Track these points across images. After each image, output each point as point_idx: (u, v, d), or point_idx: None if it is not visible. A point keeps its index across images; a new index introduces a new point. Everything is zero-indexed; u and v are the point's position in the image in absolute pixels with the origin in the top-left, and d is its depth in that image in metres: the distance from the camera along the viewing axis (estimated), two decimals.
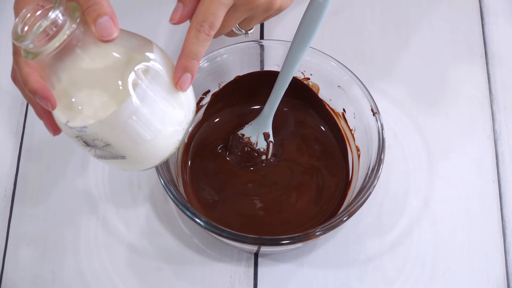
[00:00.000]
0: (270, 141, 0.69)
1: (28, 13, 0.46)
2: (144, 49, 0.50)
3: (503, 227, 0.69)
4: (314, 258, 0.67)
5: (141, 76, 0.48)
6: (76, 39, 0.46)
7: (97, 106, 0.47)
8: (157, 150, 0.52)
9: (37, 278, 0.67)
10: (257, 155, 0.69)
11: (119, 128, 0.48)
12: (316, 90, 0.71)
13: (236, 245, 0.63)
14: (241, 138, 0.69)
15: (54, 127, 0.52)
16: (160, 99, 0.50)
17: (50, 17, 0.45)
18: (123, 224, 0.69)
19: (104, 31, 0.46)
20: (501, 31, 0.79)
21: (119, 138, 0.49)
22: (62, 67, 0.47)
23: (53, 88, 0.48)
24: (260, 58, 0.70)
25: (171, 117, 0.51)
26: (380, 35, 0.79)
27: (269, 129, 0.68)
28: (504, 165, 0.72)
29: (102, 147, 0.50)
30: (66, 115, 0.49)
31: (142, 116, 0.49)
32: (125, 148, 0.50)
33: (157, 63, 0.49)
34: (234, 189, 0.68)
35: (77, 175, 0.71)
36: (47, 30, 0.45)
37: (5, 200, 0.70)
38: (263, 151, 0.69)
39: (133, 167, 0.54)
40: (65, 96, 0.48)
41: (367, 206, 0.63)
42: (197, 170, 0.69)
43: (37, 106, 0.52)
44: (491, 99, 0.76)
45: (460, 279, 0.67)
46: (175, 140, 0.52)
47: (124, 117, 0.48)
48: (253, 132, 0.68)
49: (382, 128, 0.63)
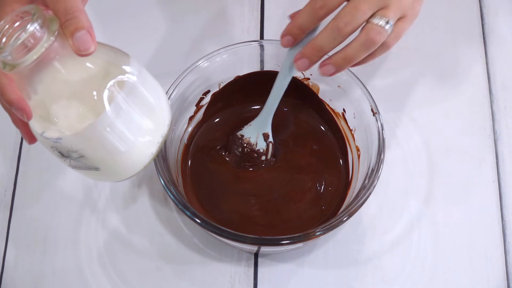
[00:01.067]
0: (269, 142, 0.68)
1: (6, 25, 0.46)
2: (121, 62, 0.50)
3: (503, 227, 0.69)
4: (314, 258, 0.67)
5: (117, 89, 0.48)
6: (53, 52, 0.47)
7: (72, 118, 0.48)
8: (131, 162, 0.52)
9: (37, 278, 0.67)
10: (257, 156, 0.69)
11: (94, 140, 0.49)
12: (316, 90, 0.71)
13: (236, 245, 0.63)
14: (241, 139, 0.69)
15: (30, 136, 0.52)
16: (135, 113, 0.50)
17: (29, 30, 0.45)
18: (123, 224, 0.69)
19: (81, 45, 0.46)
20: (501, 31, 0.79)
21: (94, 150, 0.50)
22: (39, 78, 0.47)
23: (30, 99, 0.48)
24: (260, 58, 0.70)
25: (145, 130, 0.51)
26: None
27: (269, 130, 0.68)
28: (504, 165, 0.72)
29: (77, 158, 0.51)
30: (41, 126, 0.49)
31: (117, 129, 0.49)
32: (100, 160, 0.51)
33: (133, 77, 0.50)
34: (234, 189, 0.68)
35: (77, 175, 0.71)
36: (25, 42, 0.45)
37: (5, 201, 0.70)
38: (262, 152, 0.69)
39: (107, 179, 0.55)
40: (41, 107, 0.48)
41: (367, 206, 0.63)
42: (197, 170, 0.69)
43: (13, 115, 0.52)
44: (491, 99, 0.76)
45: (460, 279, 0.67)
46: (149, 152, 0.53)
47: (99, 130, 0.48)
48: (253, 132, 0.68)
49: (382, 128, 0.63)
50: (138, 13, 0.80)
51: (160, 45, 0.78)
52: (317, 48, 0.56)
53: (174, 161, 0.66)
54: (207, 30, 0.79)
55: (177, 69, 0.66)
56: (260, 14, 0.80)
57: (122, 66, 0.50)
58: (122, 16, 0.80)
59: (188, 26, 0.79)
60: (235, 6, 0.80)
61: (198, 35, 0.79)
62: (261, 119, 0.68)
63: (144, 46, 0.77)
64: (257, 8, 0.80)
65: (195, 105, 0.70)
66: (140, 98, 0.50)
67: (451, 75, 0.77)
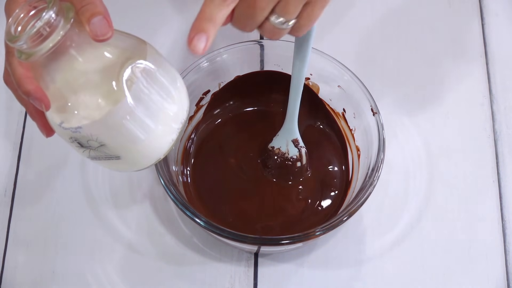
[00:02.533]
0: (300, 147, 0.68)
1: (21, 13, 0.46)
2: (138, 48, 0.50)
3: (503, 227, 0.69)
4: (314, 258, 0.67)
5: (135, 76, 0.48)
6: (70, 40, 0.46)
7: (91, 106, 0.47)
8: (151, 150, 0.52)
9: (37, 278, 0.67)
10: (292, 163, 0.68)
11: (114, 128, 0.48)
12: (316, 90, 0.71)
13: (236, 245, 0.63)
14: (272, 151, 0.68)
15: (47, 128, 0.52)
16: (155, 99, 0.50)
17: (44, 18, 0.44)
18: (123, 224, 0.69)
19: (98, 31, 0.45)
20: (501, 31, 0.79)
21: (114, 138, 0.49)
22: (56, 67, 0.47)
23: (47, 89, 0.48)
24: (260, 58, 0.70)
25: (165, 116, 0.51)
26: (380, 35, 0.79)
27: (297, 135, 0.67)
28: (504, 165, 0.72)
29: (97, 147, 0.50)
30: (60, 116, 0.49)
31: (136, 116, 0.49)
32: (120, 148, 0.50)
33: (150, 63, 0.49)
34: (234, 189, 0.68)
35: (77, 175, 0.71)
36: (40, 30, 0.45)
37: (5, 200, 0.70)
38: (296, 158, 0.68)
39: (128, 168, 0.54)
40: (59, 97, 0.48)
41: (367, 206, 0.63)
42: (197, 169, 0.69)
43: (30, 107, 0.52)
44: (491, 99, 0.76)
45: (460, 279, 0.67)
46: (169, 139, 0.52)
47: (119, 117, 0.48)
48: (282, 141, 0.68)
49: (382, 128, 0.63)
50: (138, 13, 0.80)
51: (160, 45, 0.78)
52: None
53: (174, 161, 0.66)
54: None
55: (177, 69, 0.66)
56: None
57: (139, 52, 0.49)
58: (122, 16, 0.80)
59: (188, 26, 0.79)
60: None
61: None
62: (286, 126, 0.67)
63: None
64: None
65: (195, 105, 0.70)
66: (159, 84, 0.50)
67: (451, 75, 0.77)
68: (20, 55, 0.46)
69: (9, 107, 0.75)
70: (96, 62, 0.48)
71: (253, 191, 0.68)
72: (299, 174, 0.68)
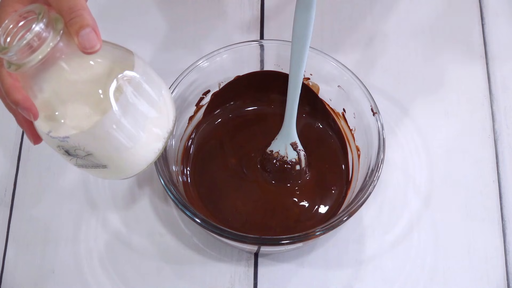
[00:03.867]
0: (299, 150, 0.68)
1: (11, 24, 0.46)
2: (125, 59, 0.50)
3: (503, 227, 0.69)
4: (314, 258, 0.67)
5: (123, 86, 0.49)
6: (59, 51, 0.47)
7: (79, 116, 0.48)
8: (137, 158, 0.52)
9: (37, 278, 0.67)
10: (290, 167, 0.68)
11: (101, 137, 0.49)
12: (316, 90, 0.71)
13: (236, 245, 0.63)
14: (270, 155, 0.68)
15: (35, 136, 0.52)
16: (142, 109, 0.50)
17: (34, 30, 0.45)
18: (123, 224, 0.69)
19: (87, 43, 0.46)
20: (501, 31, 0.79)
21: (101, 148, 0.50)
22: (44, 78, 0.47)
23: (35, 98, 0.48)
24: (260, 58, 0.70)
25: (151, 126, 0.52)
26: (380, 35, 0.79)
27: (295, 139, 0.68)
28: (504, 165, 0.72)
29: (84, 156, 0.51)
30: (48, 125, 0.49)
31: (123, 126, 0.49)
32: (107, 157, 0.51)
33: (138, 74, 0.50)
34: (234, 189, 0.68)
35: (77, 175, 0.71)
36: (30, 42, 0.45)
37: (5, 201, 0.70)
38: (295, 161, 0.68)
39: (114, 176, 0.55)
40: (48, 107, 0.48)
41: (367, 206, 0.63)
42: (197, 169, 0.69)
43: (18, 115, 0.52)
44: (491, 99, 0.76)
45: (460, 279, 0.67)
46: (155, 148, 0.53)
47: (106, 127, 0.48)
48: (280, 145, 0.68)
49: (382, 128, 0.63)
50: (138, 13, 0.80)
51: (160, 45, 0.78)
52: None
53: (174, 161, 0.66)
54: (207, 30, 0.79)
55: (177, 69, 0.66)
56: (260, 14, 0.80)
57: (126, 63, 0.50)
58: (122, 16, 0.80)
59: (188, 26, 0.79)
60: (235, 6, 0.80)
61: (198, 35, 0.79)
62: (285, 130, 0.67)
63: (144, 46, 0.77)
64: (257, 8, 0.80)
65: (195, 105, 0.70)
66: (145, 95, 0.50)
67: (451, 75, 0.77)
68: (9, 65, 0.46)
69: None
70: (84, 73, 0.48)
71: (253, 191, 0.68)
72: (297, 177, 0.68)
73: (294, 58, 0.61)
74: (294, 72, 0.62)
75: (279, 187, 0.68)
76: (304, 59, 0.61)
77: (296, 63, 0.61)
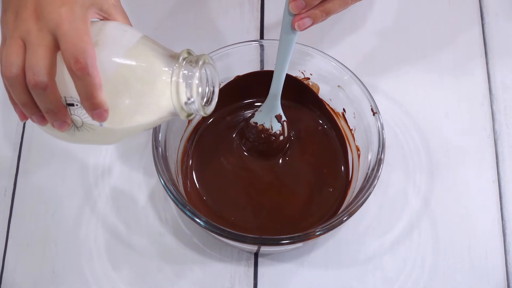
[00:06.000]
0: (283, 121, 0.68)
1: (199, 87, 0.51)
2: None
3: (503, 227, 0.69)
4: (314, 258, 0.67)
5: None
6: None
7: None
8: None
9: (37, 278, 0.67)
10: (275, 138, 0.68)
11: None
12: (316, 90, 0.71)
13: (236, 245, 0.64)
14: (255, 127, 0.68)
15: (22, 115, 0.54)
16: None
17: (215, 91, 0.54)
18: (123, 224, 0.69)
19: (99, 119, 0.49)
20: (501, 31, 0.79)
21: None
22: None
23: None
24: (260, 58, 0.70)
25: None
26: (380, 35, 0.79)
27: (280, 111, 0.68)
28: (504, 165, 0.72)
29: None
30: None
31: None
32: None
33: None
34: (234, 189, 0.68)
35: (77, 175, 0.71)
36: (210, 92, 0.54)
37: (5, 200, 0.70)
38: (279, 133, 0.68)
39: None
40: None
41: (367, 206, 0.63)
42: (197, 169, 0.69)
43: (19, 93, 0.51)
44: (491, 99, 0.76)
45: (460, 279, 0.67)
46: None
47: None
48: (265, 118, 0.68)
49: (382, 128, 0.64)
50: (138, 13, 0.80)
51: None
52: (326, 10, 0.57)
53: (174, 161, 0.66)
54: (207, 30, 0.79)
55: None
56: (260, 14, 0.80)
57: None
58: None
59: (188, 25, 0.79)
60: (235, 6, 0.80)
61: (198, 35, 0.79)
62: (269, 102, 0.67)
63: None
64: (257, 8, 0.80)
65: None
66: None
67: (451, 75, 0.77)
68: (188, 115, 0.52)
69: (9, 107, 0.75)
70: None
71: (253, 191, 0.68)
72: (281, 147, 0.69)
73: (284, 27, 0.60)
74: (284, 43, 0.60)
75: (279, 187, 0.68)
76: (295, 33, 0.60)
77: (286, 31, 0.60)
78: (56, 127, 0.51)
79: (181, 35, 0.79)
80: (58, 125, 0.51)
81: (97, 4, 0.51)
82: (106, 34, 0.50)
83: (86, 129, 0.52)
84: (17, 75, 0.49)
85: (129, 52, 0.50)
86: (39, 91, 0.48)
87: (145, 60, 0.50)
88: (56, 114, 0.50)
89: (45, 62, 0.48)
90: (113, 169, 0.71)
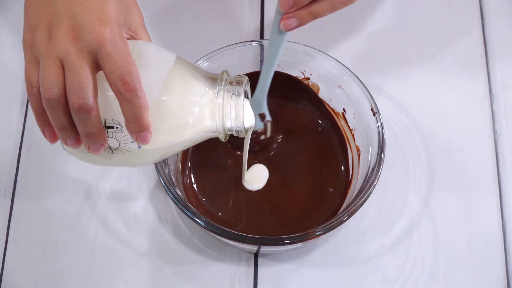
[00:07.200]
0: (267, 121, 0.68)
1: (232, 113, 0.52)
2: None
3: (503, 227, 0.69)
4: (314, 258, 0.67)
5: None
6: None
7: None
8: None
9: (37, 278, 0.67)
10: (256, 136, 0.68)
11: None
12: (316, 90, 0.71)
13: (236, 245, 0.64)
14: None
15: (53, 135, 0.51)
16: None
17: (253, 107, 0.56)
18: (123, 224, 0.69)
19: (142, 142, 0.49)
20: (501, 31, 0.79)
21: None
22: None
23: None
24: (260, 58, 0.70)
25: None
26: (380, 35, 0.79)
27: (264, 110, 0.67)
28: (504, 165, 0.72)
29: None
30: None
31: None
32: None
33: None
34: (234, 189, 0.68)
35: (77, 175, 0.71)
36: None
37: (5, 200, 0.70)
38: (260, 132, 0.68)
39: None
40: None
41: (367, 206, 0.63)
42: (197, 169, 0.69)
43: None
44: (491, 99, 0.76)
45: (460, 279, 0.67)
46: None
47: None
48: None
49: (382, 128, 0.64)
50: None
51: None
52: (314, 13, 0.56)
53: (174, 161, 0.66)
54: (207, 30, 0.79)
55: None
56: (260, 14, 0.80)
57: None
58: None
59: (188, 26, 0.79)
60: (235, 6, 0.80)
61: (199, 35, 0.79)
62: (254, 101, 0.66)
63: None
64: (257, 8, 0.80)
65: None
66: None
67: (451, 75, 0.77)
68: (225, 136, 0.53)
69: (9, 107, 0.75)
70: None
71: (253, 191, 0.68)
72: (264, 146, 0.69)
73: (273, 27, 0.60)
74: (275, 38, 0.60)
75: (279, 187, 0.68)
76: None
77: (275, 30, 0.59)
78: (91, 150, 0.50)
79: (181, 35, 0.79)
80: (95, 148, 0.49)
81: (127, 23, 0.50)
82: (145, 56, 0.49)
83: (121, 151, 0.51)
84: (60, 97, 0.47)
85: (170, 73, 0.49)
86: (83, 114, 0.47)
87: (186, 81, 0.50)
88: (96, 137, 0.48)
89: (89, 85, 0.46)
90: (113, 169, 0.71)
